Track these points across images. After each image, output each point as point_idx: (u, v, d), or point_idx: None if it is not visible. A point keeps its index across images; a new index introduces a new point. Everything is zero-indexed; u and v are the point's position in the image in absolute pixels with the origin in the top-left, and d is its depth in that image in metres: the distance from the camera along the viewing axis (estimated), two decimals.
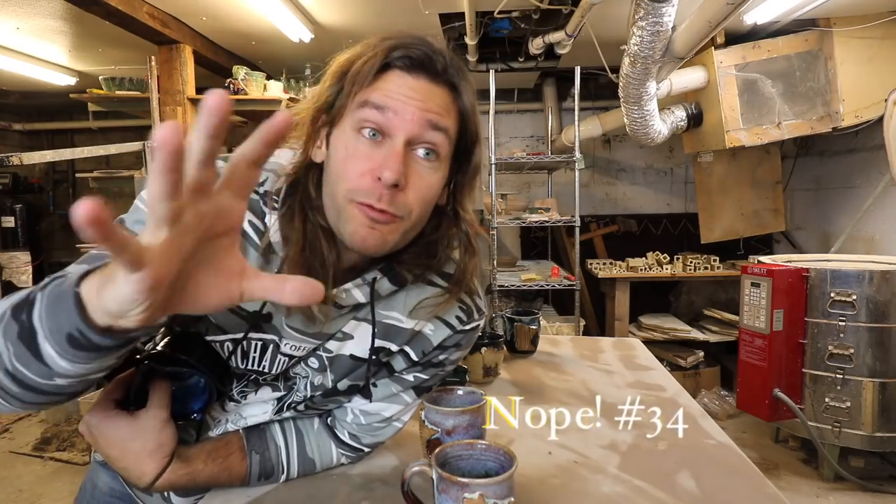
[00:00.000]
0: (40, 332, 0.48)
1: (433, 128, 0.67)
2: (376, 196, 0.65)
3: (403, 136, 0.65)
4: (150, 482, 0.70)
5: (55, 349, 0.47)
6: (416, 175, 0.67)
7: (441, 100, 0.68)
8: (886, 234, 3.32)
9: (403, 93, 0.66)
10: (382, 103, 0.65)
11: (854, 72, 3.20)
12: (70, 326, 0.45)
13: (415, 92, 0.66)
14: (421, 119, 0.66)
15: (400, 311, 0.79)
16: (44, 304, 0.48)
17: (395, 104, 0.65)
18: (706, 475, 0.87)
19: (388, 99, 0.65)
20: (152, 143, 0.47)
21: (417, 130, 0.66)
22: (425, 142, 0.67)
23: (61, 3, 2.83)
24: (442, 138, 0.68)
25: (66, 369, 0.49)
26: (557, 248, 4.82)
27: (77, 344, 0.46)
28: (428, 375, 0.86)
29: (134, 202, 0.71)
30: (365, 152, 0.66)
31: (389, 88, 0.66)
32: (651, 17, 2.26)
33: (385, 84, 0.66)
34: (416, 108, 0.66)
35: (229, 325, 0.73)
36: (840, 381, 2.57)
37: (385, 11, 3.11)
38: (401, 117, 0.65)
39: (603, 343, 1.65)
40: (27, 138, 5.41)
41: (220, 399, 0.80)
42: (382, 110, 0.65)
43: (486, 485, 0.62)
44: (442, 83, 0.68)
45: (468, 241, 0.77)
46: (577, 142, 3.30)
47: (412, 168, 0.67)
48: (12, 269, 4.52)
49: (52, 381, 0.51)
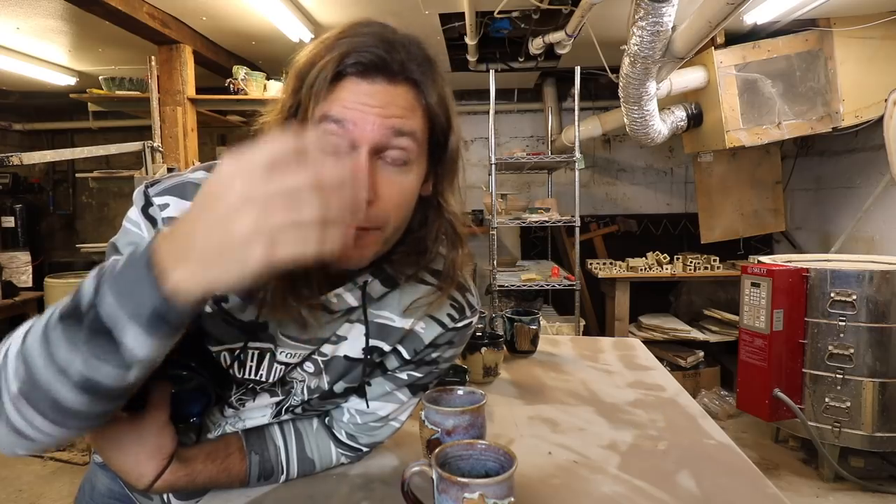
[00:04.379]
0: (119, 321, 0.48)
1: (397, 134, 0.63)
2: None
3: (367, 148, 0.62)
4: (150, 483, 0.70)
5: (140, 330, 0.48)
6: (387, 183, 0.64)
7: (403, 100, 0.64)
8: (886, 234, 3.32)
9: (361, 101, 0.62)
10: (341, 116, 0.62)
11: (854, 72, 3.20)
12: (153, 301, 0.47)
13: (372, 98, 0.62)
14: (382, 127, 0.62)
15: (391, 310, 0.79)
16: (114, 293, 0.49)
17: (354, 115, 0.62)
18: (706, 475, 0.86)
19: (346, 111, 0.62)
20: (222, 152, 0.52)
21: (381, 139, 0.62)
22: (391, 148, 0.64)
23: (61, 3, 2.83)
24: (408, 142, 0.64)
25: (147, 353, 0.50)
26: (557, 248, 4.82)
27: (160, 317, 0.48)
28: (422, 373, 0.85)
29: (123, 224, 0.69)
30: None
31: (346, 98, 0.62)
32: (651, 17, 2.26)
33: (342, 93, 0.63)
34: (376, 115, 0.62)
35: (226, 335, 0.73)
36: (840, 381, 2.57)
37: (385, 11, 3.11)
38: (360, 129, 0.62)
39: (603, 343, 1.65)
40: (27, 138, 5.40)
41: (219, 404, 0.80)
42: (341, 123, 0.62)
43: (486, 485, 0.62)
44: (402, 82, 0.64)
45: (453, 233, 0.75)
46: (577, 142, 3.30)
47: (382, 177, 0.64)
48: (12, 269, 4.51)
49: (126, 377, 0.51)
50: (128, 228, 0.68)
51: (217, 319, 0.72)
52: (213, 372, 0.74)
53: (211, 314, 0.71)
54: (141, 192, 0.68)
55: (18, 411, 0.54)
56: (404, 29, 0.67)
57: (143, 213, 0.67)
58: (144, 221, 0.67)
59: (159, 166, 3.00)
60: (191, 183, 0.68)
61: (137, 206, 0.68)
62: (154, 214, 0.67)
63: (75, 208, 5.40)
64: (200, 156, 3.62)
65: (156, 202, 0.67)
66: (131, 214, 0.69)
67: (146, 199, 0.67)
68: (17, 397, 0.53)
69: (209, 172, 0.71)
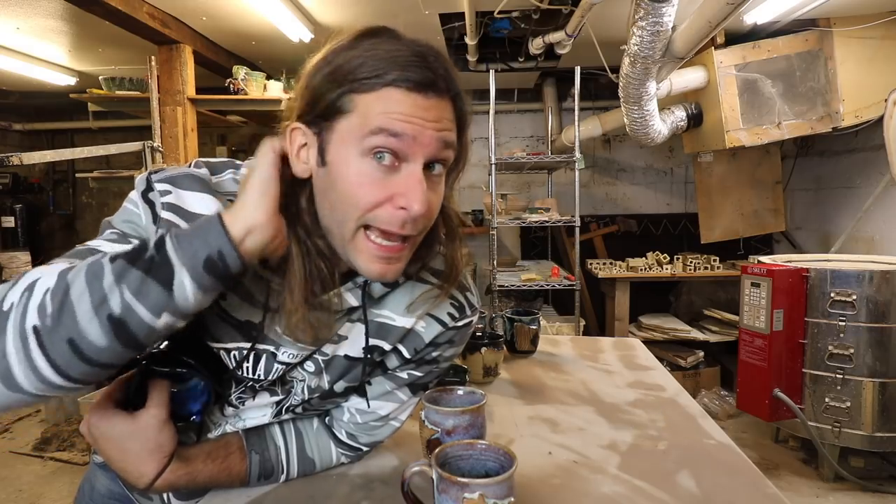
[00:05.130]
0: (177, 264, 0.56)
1: (446, 147, 0.66)
2: (398, 223, 0.64)
3: (422, 161, 0.64)
4: (150, 482, 0.70)
5: (191, 274, 0.56)
6: (431, 192, 0.66)
7: (450, 114, 0.66)
8: (886, 234, 3.32)
9: (420, 115, 0.63)
10: (400, 130, 0.62)
11: (854, 72, 3.20)
12: (212, 248, 0.56)
13: (429, 113, 0.63)
14: (438, 141, 0.64)
15: (392, 309, 0.79)
16: (178, 239, 0.57)
17: (414, 130, 0.62)
18: (706, 475, 0.86)
19: (406, 125, 0.62)
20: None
21: (434, 153, 0.65)
22: (439, 160, 0.66)
23: (61, 3, 2.83)
24: (451, 153, 0.67)
25: (186, 301, 0.56)
26: (557, 248, 4.82)
27: (213, 267, 0.57)
28: (422, 373, 0.85)
29: (123, 205, 0.70)
30: (380, 178, 0.63)
31: (403, 111, 0.62)
32: (651, 17, 2.26)
33: (395, 106, 0.62)
34: (433, 129, 0.63)
35: (223, 334, 0.73)
36: (840, 381, 2.57)
37: (385, 11, 3.11)
38: (419, 143, 0.63)
39: (603, 343, 1.65)
40: (27, 138, 5.41)
41: (219, 403, 0.80)
42: (400, 137, 0.62)
43: (486, 485, 0.62)
44: (447, 97, 0.66)
45: (452, 231, 0.76)
46: (577, 142, 3.30)
47: (428, 187, 0.65)
48: (12, 269, 4.51)
49: (156, 323, 0.56)
50: (126, 207, 0.69)
51: (213, 316, 0.72)
52: (212, 370, 0.74)
53: (209, 311, 0.71)
54: (144, 178, 0.69)
55: (24, 349, 0.54)
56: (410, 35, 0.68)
57: (142, 196, 0.68)
58: (143, 204, 0.68)
59: (159, 166, 3.00)
60: (194, 175, 0.69)
61: (139, 189, 0.69)
62: (154, 199, 0.67)
63: (75, 208, 5.41)
64: (200, 156, 3.60)
65: (157, 188, 0.67)
66: (132, 195, 0.70)
67: (147, 184, 0.68)
68: (30, 333, 0.54)
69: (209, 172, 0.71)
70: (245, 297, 0.71)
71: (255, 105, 3.46)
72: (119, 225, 0.69)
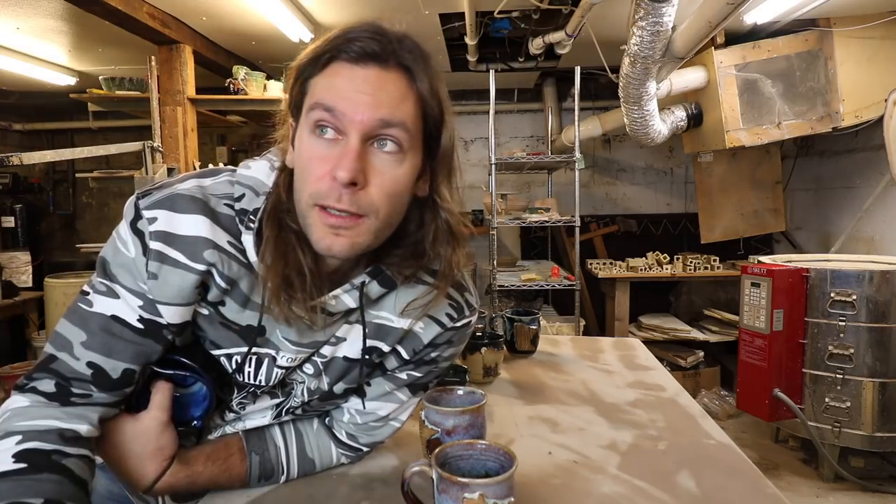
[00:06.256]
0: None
1: (387, 121, 0.64)
2: (335, 197, 0.63)
3: (357, 134, 0.63)
4: (151, 484, 0.70)
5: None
6: (378, 171, 0.65)
7: (395, 88, 0.64)
8: (886, 234, 3.32)
9: (352, 88, 0.63)
10: (332, 104, 0.63)
11: (854, 72, 3.20)
12: None
13: (365, 84, 0.63)
14: (372, 115, 0.63)
15: (390, 310, 0.78)
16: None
17: (344, 104, 0.63)
18: (706, 475, 0.86)
19: (337, 98, 0.63)
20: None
21: (371, 126, 0.63)
22: (382, 136, 0.64)
23: (61, 3, 2.83)
24: (399, 131, 0.65)
25: None
26: (557, 248, 4.82)
27: None
28: (421, 373, 0.85)
29: (113, 238, 0.69)
30: (322, 153, 0.64)
31: (337, 85, 0.63)
32: (651, 17, 2.26)
33: (333, 80, 0.64)
34: (366, 104, 0.63)
35: (225, 340, 0.73)
36: (840, 381, 2.57)
37: (385, 12, 3.10)
38: (350, 117, 0.63)
39: (603, 343, 1.65)
40: (27, 138, 5.40)
41: (220, 408, 0.80)
42: (332, 111, 0.63)
43: (486, 485, 0.62)
44: (393, 68, 0.65)
45: (450, 232, 0.74)
46: (577, 142, 3.30)
47: (372, 164, 0.64)
48: (12, 269, 4.51)
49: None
50: (117, 248, 0.68)
51: (216, 324, 0.72)
52: (215, 376, 0.74)
53: (209, 318, 0.71)
54: (132, 204, 0.68)
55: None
56: (402, 27, 0.68)
57: (131, 227, 0.67)
58: (132, 237, 0.67)
59: (159, 166, 3.00)
60: (180, 195, 0.67)
61: (127, 219, 0.68)
62: (142, 228, 0.66)
63: (75, 208, 5.40)
64: (200, 156, 3.62)
65: (145, 215, 0.66)
66: (121, 230, 0.68)
67: (136, 212, 0.67)
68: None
69: (200, 180, 0.70)
70: (244, 303, 0.71)
71: (255, 105, 3.45)
72: (115, 270, 0.68)
